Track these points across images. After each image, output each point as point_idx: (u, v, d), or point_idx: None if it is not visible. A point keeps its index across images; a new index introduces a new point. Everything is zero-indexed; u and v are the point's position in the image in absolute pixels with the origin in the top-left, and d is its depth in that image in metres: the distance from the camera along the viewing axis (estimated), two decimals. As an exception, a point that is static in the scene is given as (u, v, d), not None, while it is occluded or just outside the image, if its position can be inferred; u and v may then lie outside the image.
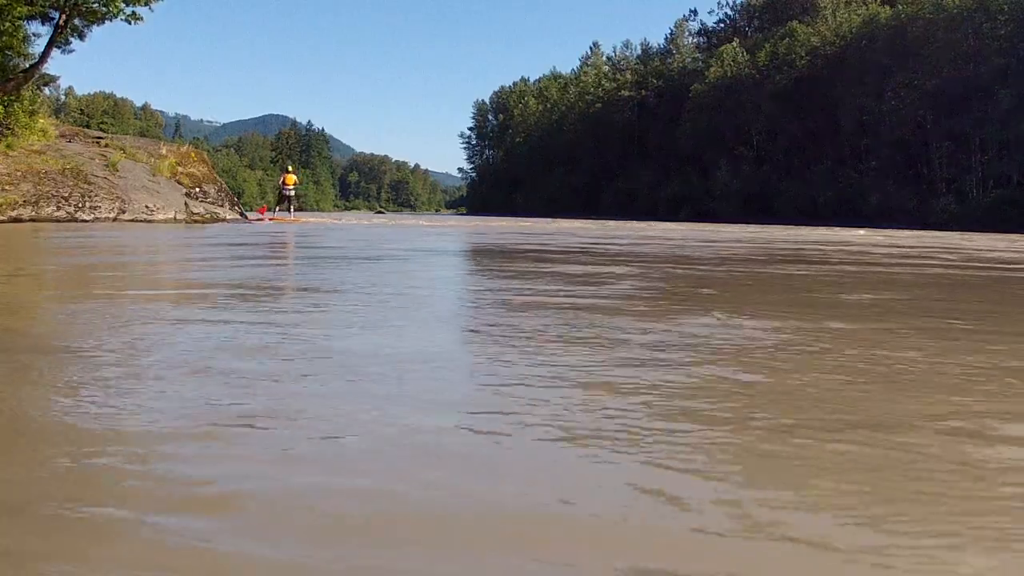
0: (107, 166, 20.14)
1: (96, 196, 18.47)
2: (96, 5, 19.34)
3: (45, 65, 20.40)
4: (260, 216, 26.75)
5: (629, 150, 70.36)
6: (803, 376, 2.33)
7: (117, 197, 18.99)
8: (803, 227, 29.74)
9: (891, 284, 6.20)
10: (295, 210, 24.54)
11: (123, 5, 19.40)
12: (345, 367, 2.35)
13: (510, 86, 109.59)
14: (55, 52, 20.29)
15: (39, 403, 1.89)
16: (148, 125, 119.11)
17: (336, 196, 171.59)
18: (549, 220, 34.11)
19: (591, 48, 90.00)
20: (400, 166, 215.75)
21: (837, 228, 29.03)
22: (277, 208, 24.69)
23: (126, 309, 3.60)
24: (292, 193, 24.16)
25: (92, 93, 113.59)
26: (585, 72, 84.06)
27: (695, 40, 74.81)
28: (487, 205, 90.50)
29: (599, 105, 74.42)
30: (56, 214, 17.33)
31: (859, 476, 1.44)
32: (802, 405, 1.97)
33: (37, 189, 17.55)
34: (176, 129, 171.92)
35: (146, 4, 19.84)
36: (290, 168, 25.59)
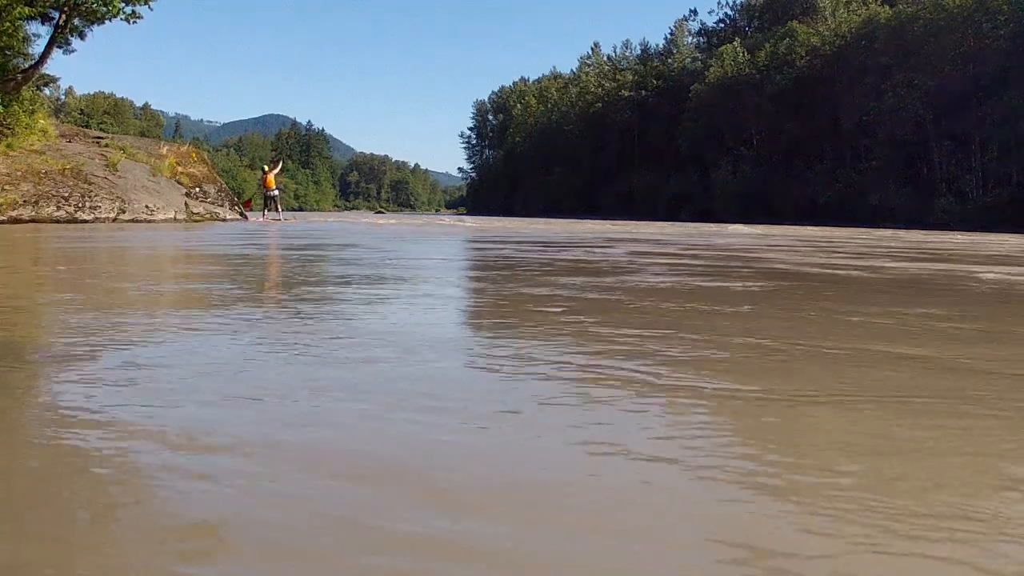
0: (107, 166, 20.16)
1: (96, 196, 18.49)
2: (96, 5, 19.36)
3: (45, 65, 20.44)
4: (247, 209, 26.43)
5: (629, 150, 70.43)
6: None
7: (117, 197, 19.01)
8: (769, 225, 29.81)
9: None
10: (272, 210, 24.11)
11: (123, 5, 19.44)
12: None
13: (510, 86, 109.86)
14: (55, 52, 20.32)
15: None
16: (148, 125, 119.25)
17: (336, 196, 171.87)
18: (569, 221, 34.13)
19: (591, 48, 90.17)
20: (400, 166, 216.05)
21: (816, 228, 29.02)
22: (265, 211, 24.16)
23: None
24: (276, 193, 23.92)
25: (92, 93, 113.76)
26: (585, 72, 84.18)
27: (695, 40, 74.96)
28: (487, 205, 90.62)
29: (599, 105, 74.48)
30: (56, 214, 17.34)
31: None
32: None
33: (37, 189, 17.57)
34: (176, 129, 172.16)
35: (145, 3, 19.88)
36: (266, 168, 24.41)
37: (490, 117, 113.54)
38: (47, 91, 32.82)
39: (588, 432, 1.70)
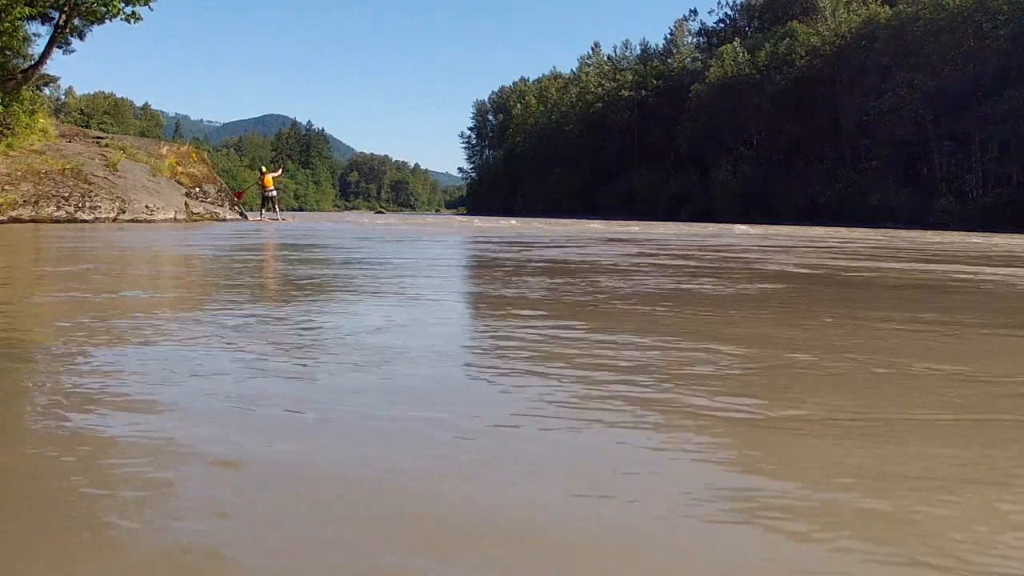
0: (107, 166, 20.17)
1: (96, 196, 18.49)
2: (96, 5, 19.37)
3: (45, 65, 20.46)
4: (238, 201, 26.41)
5: (629, 150, 70.39)
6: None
7: (117, 197, 19.01)
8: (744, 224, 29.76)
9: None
10: (280, 210, 24.65)
11: (122, 5, 19.45)
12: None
13: (510, 86, 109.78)
14: (55, 52, 20.34)
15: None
16: (148, 125, 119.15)
17: (336, 196, 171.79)
18: (570, 221, 34.07)
19: (591, 48, 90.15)
20: (400, 166, 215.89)
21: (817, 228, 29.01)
22: (263, 211, 24.29)
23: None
24: (274, 194, 24.09)
25: (92, 93, 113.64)
26: (585, 72, 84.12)
27: (695, 40, 74.95)
28: (487, 205, 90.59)
29: (599, 105, 74.42)
30: (56, 214, 17.34)
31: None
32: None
33: (37, 189, 17.57)
34: (176, 129, 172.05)
35: (145, 3, 19.89)
36: (264, 169, 24.75)
37: (490, 117, 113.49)
38: (47, 91, 32.89)
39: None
